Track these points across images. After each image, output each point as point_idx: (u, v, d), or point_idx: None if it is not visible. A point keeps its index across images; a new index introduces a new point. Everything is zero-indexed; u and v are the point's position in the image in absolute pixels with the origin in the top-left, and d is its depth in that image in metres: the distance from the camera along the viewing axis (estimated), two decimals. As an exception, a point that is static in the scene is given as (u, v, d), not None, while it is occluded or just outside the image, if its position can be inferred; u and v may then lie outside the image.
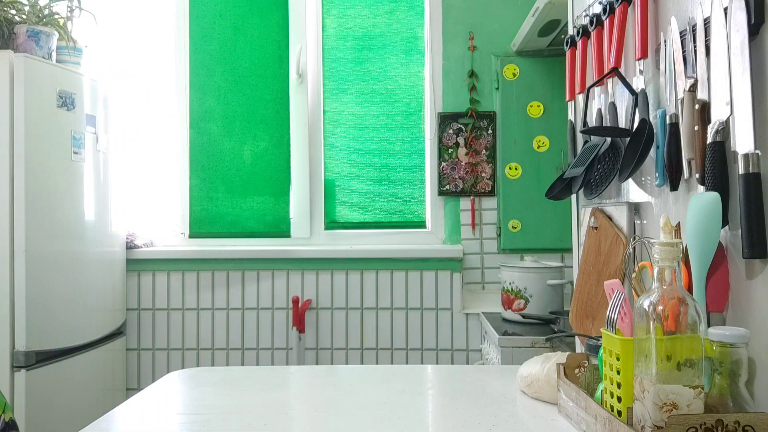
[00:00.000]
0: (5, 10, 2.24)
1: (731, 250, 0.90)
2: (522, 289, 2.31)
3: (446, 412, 1.06)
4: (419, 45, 2.85)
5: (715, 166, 0.88)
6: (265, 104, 2.87)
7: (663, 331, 0.75)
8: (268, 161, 2.87)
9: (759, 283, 0.84)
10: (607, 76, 1.25)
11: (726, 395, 0.78)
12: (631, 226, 1.24)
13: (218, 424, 1.03)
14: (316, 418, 1.06)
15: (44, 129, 2.21)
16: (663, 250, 0.77)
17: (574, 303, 1.44)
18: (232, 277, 2.75)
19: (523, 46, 2.60)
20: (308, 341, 2.71)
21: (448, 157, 2.72)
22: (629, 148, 1.18)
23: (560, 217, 2.55)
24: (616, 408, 0.84)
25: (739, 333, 0.78)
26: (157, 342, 2.76)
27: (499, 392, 1.17)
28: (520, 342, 2.07)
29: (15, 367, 2.11)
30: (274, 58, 2.87)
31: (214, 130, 2.89)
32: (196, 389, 1.26)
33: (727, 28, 0.87)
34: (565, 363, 1.06)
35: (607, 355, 0.87)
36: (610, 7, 1.25)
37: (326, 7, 2.87)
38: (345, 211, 2.85)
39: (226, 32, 2.89)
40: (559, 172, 1.90)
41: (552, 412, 1.04)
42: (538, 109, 2.68)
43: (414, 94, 2.84)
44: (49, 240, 2.23)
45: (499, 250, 2.70)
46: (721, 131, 0.88)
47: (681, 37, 1.02)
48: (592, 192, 1.32)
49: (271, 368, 1.39)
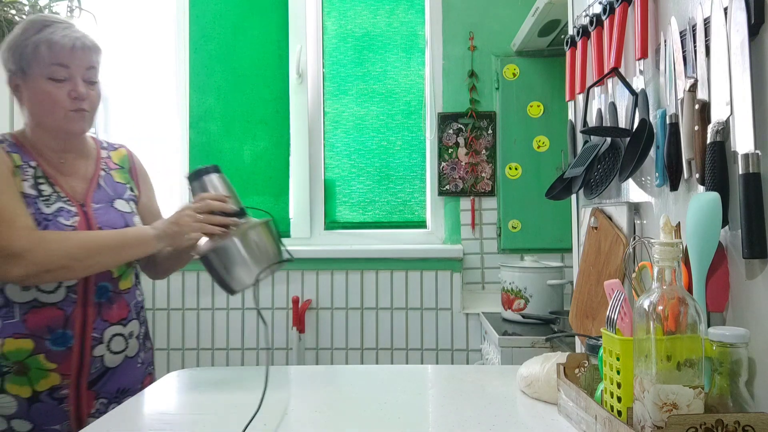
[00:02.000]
0: (5, 10, 2.24)
1: (731, 250, 0.90)
2: (522, 289, 2.31)
3: (446, 412, 1.06)
4: (419, 45, 2.85)
5: (715, 166, 0.88)
6: (265, 104, 2.87)
7: (663, 331, 0.75)
8: (267, 161, 2.87)
9: (759, 283, 0.84)
10: (607, 76, 1.25)
11: (726, 395, 0.78)
12: (631, 226, 1.24)
13: (218, 424, 1.03)
14: (316, 418, 1.06)
15: (44, 129, 2.20)
16: (663, 250, 0.77)
17: (574, 303, 1.44)
18: (232, 277, 2.75)
19: (523, 46, 2.60)
20: (308, 341, 2.71)
21: (448, 157, 2.72)
22: (629, 148, 1.18)
23: (560, 217, 2.55)
24: (616, 408, 0.84)
25: (739, 333, 0.78)
26: (158, 342, 2.76)
27: (499, 392, 1.17)
28: (520, 342, 2.07)
29: (15, 367, 2.11)
30: (274, 58, 2.87)
31: (214, 129, 2.89)
32: (196, 389, 1.26)
33: (727, 28, 0.87)
34: (565, 363, 1.06)
35: (607, 355, 0.87)
36: (610, 7, 1.25)
37: (326, 7, 2.87)
38: (345, 211, 2.85)
39: (226, 32, 2.89)
40: (559, 172, 1.90)
41: (552, 412, 1.04)
42: (538, 109, 2.68)
43: (414, 94, 2.84)
44: (49, 240, 2.22)
45: (499, 250, 2.70)
46: (721, 131, 0.88)
47: (681, 37, 1.02)
48: (592, 192, 1.32)
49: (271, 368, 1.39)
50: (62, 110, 1.31)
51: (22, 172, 1.30)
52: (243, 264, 1.27)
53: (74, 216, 1.31)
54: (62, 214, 1.29)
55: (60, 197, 1.32)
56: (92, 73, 1.34)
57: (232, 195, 1.35)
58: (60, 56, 1.29)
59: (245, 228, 1.29)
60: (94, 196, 1.37)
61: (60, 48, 1.28)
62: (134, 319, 1.41)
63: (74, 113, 1.32)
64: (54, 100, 1.30)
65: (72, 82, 1.30)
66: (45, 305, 1.28)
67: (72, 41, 1.29)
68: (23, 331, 1.26)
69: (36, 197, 1.29)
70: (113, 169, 1.46)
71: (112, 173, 1.45)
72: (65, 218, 1.29)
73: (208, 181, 1.34)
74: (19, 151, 1.34)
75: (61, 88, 1.30)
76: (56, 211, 1.29)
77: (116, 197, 1.41)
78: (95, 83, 1.36)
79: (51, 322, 1.27)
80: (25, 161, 1.32)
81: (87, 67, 1.33)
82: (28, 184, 1.30)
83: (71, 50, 1.29)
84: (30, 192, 1.29)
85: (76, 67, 1.31)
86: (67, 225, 1.29)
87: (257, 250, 1.29)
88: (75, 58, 1.30)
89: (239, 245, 1.27)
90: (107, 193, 1.40)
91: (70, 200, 1.33)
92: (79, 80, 1.31)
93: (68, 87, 1.30)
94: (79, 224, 1.30)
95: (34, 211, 1.27)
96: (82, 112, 1.33)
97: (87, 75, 1.33)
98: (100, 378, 1.33)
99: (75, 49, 1.29)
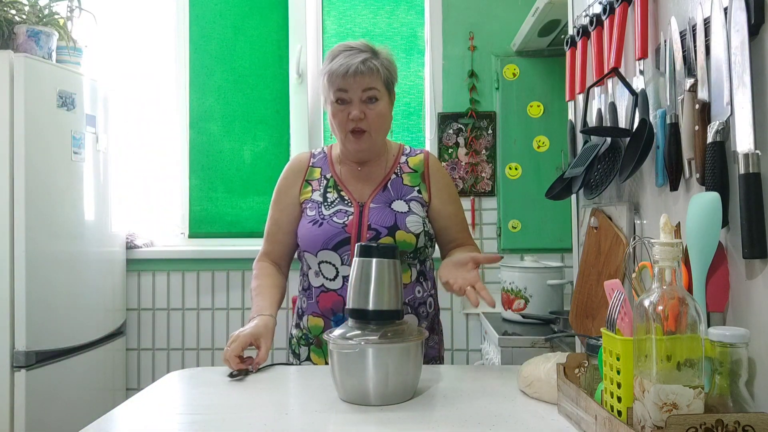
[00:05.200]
0: (5, 10, 2.24)
1: (731, 250, 0.90)
2: (522, 289, 2.31)
3: (446, 412, 1.06)
4: (419, 45, 2.85)
5: (715, 166, 0.88)
6: (265, 104, 2.87)
7: (663, 331, 0.75)
8: (267, 161, 2.87)
9: (759, 283, 0.84)
10: (607, 76, 1.25)
11: (726, 395, 0.78)
12: (631, 226, 1.24)
13: (218, 424, 1.03)
14: (316, 418, 1.06)
15: (44, 129, 2.20)
16: (663, 250, 0.77)
17: (574, 303, 1.44)
18: (232, 277, 2.75)
19: (523, 46, 2.60)
20: (308, 341, 2.70)
21: (448, 157, 2.72)
22: (629, 148, 1.18)
23: (560, 217, 2.55)
24: (616, 408, 0.84)
25: (739, 333, 0.78)
26: (157, 342, 2.76)
27: (499, 392, 1.17)
28: (520, 342, 2.07)
29: (15, 367, 2.11)
30: (274, 58, 2.87)
31: (214, 129, 2.89)
32: (196, 389, 1.26)
33: (727, 28, 0.87)
34: (565, 363, 1.06)
35: (607, 355, 0.87)
36: (610, 7, 1.25)
37: (326, 7, 2.87)
38: (345, 211, 2.84)
39: (226, 32, 2.89)
40: (559, 172, 1.90)
41: (552, 412, 1.04)
42: (538, 109, 2.68)
43: (414, 94, 2.84)
44: (49, 240, 2.23)
45: (499, 250, 2.70)
46: (721, 131, 0.88)
47: (681, 37, 1.02)
48: (592, 192, 1.32)
49: (272, 368, 1.39)
50: (343, 131, 1.49)
51: (317, 183, 1.57)
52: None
53: (349, 215, 1.50)
54: (338, 215, 1.50)
55: (343, 200, 1.53)
56: (370, 94, 1.46)
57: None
58: (337, 83, 1.44)
59: None
60: (376, 197, 1.53)
61: (336, 76, 1.44)
62: (410, 314, 1.49)
63: (352, 134, 1.48)
64: (338, 122, 1.48)
65: (351, 106, 1.46)
66: (329, 290, 1.49)
67: (347, 68, 1.43)
68: (317, 310, 1.51)
69: (321, 203, 1.53)
70: (406, 172, 1.58)
71: (403, 176, 1.57)
72: (339, 217, 1.50)
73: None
74: (324, 164, 1.60)
75: (342, 111, 1.47)
76: (334, 212, 1.51)
77: (397, 198, 1.53)
78: (376, 102, 1.48)
79: (334, 305, 1.49)
80: (323, 174, 1.58)
81: (363, 89, 1.45)
82: (318, 193, 1.55)
83: (344, 76, 1.43)
84: (317, 199, 1.54)
85: (354, 91, 1.45)
86: (338, 222, 1.49)
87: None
88: (350, 83, 1.44)
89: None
90: (389, 195, 1.54)
91: (352, 202, 1.53)
92: (356, 103, 1.46)
93: (348, 110, 1.46)
94: (351, 221, 1.49)
95: (317, 213, 1.51)
96: (359, 133, 1.48)
97: (365, 96, 1.46)
98: None
99: (348, 76, 1.43)
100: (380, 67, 1.48)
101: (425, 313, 1.54)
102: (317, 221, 1.51)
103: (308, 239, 1.51)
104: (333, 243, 1.48)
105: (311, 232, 1.50)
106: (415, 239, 1.48)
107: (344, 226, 1.48)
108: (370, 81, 1.46)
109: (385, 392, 1.10)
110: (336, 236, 1.48)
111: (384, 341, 1.10)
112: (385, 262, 1.16)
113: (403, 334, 1.13)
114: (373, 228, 1.48)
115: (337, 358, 1.12)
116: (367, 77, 1.45)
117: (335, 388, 1.14)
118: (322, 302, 1.51)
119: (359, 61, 1.44)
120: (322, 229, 1.49)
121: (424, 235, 1.51)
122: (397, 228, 1.48)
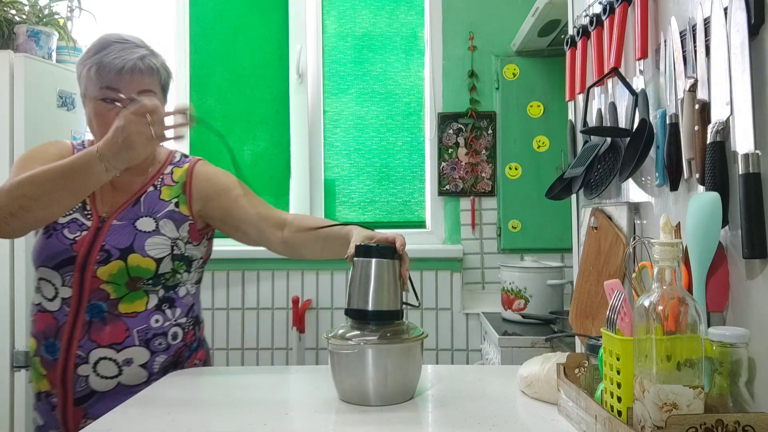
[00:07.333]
0: (5, 10, 2.24)
1: (731, 250, 0.90)
2: (522, 289, 2.31)
3: (446, 412, 1.06)
4: (419, 45, 2.85)
5: (715, 166, 0.88)
6: (265, 104, 2.87)
7: (663, 331, 0.75)
8: (268, 161, 2.87)
9: (759, 283, 0.84)
10: (607, 76, 1.25)
11: (726, 395, 0.78)
12: (631, 226, 1.24)
13: (218, 424, 1.03)
14: (316, 418, 1.06)
15: (44, 129, 2.20)
16: (663, 250, 0.77)
17: (574, 303, 1.44)
18: (232, 277, 2.75)
19: (523, 46, 2.60)
20: (308, 341, 2.70)
21: (448, 157, 2.72)
22: (629, 148, 1.18)
23: (560, 217, 2.55)
24: (616, 408, 0.84)
25: (739, 333, 0.78)
26: (157, 342, 2.76)
27: (499, 392, 1.17)
28: (520, 342, 2.07)
29: (15, 367, 2.11)
30: (274, 58, 2.87)
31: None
32: (196, 389, 1.26)
33: (727, 28, 0.87)
34: (565, 363, 1.06)
35: (607, 355, 0.87)
36: (610, 7, 1.25)
37: (326, 7, 2.87)
38: (345, 211, 2.85)
39: (226, 32, 2.89)
40: (559, 172, 1.90)
41: (552, 412, 1.04)
42: (538, 109, 2.68)
43: (414, 94, 2.84)
44: (49, 240, 2.23)
45: (499, 250, 2.70)
46: (721, 131, 0.88)
47: (681, 37, 1.02)
48: (592, 192, 1.32)
49: (271, 368, 1.39)
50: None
51: None
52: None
53: (83, 230, 1.29)
54: (70, 226, 1.29)
55: (84, 210, 1.31)
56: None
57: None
58: (108, 79, 1.25)
59: None
60: (123, 213, 1.32)
61: (108, 71, 1.24)
62: (138, 347, 1.29)
63: None
64: (100, 123, 1.27)
65: (120, 107, 1.24)
66: (45, 311, 1.30)
67: (122, 63, 1.24)
68: (32, 330, 1.33)
69: None
70: (166, 185, 1.38)
71: (162, 189, 1.37)
72: (71, 231, 1.29)
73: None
74: None
75: (110, 112, 1.25)
76: (68, 222, 1.29)
77: (145, 215, 1.33)
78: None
79: (46, 329, 1.29)
80: None
81: (139, 91, 1.26)
82: None
83: (118, 73, 1.24)
84: None
85: (127, 92, 1.25)
86: (67, 238, 1.28)
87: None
88: (125, 81, 1.25)
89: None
90: (138, 211, 1.33)
91: (93, 215, 1.31)
92: (127, 105, 1.22)
93: (117, 111, 1.21)
94: (83, 238, 1.28)
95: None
96: None
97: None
98: (88, 398, 1.28)
99: (124, 73, 1.25)
100: (160, 68, 1.31)
101: (164, 346, 1.32)
102: (48, 230, 1.29)
103: (34, 248, 1.31)
104: (55, 261, 1.27)
105: (39, 241, 1.30)
106: (155, 264, 1.28)
107: (73, 243, 1.27)
108: (149, 82, 1.28)
109: (384, 392, 1.10)
110: (60, 254, 1.27)
111: (383, 342, 1.10)
112: (384, 263, 1.15)
113: (403, 335, 1.13)
114: (105, 249, 1.27)
115: (336, 359, 1.12)
116: (146, 77, 1.27)
117: (335, 389, 1.14)
118: (37, 323, 1.30)
119: (137, 58, 1.26)
120: (49, 242, 1.28)
121: (171, 259, 1.30)
122: (132, 251, 1.27)
